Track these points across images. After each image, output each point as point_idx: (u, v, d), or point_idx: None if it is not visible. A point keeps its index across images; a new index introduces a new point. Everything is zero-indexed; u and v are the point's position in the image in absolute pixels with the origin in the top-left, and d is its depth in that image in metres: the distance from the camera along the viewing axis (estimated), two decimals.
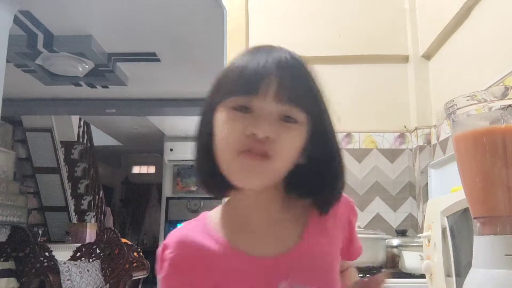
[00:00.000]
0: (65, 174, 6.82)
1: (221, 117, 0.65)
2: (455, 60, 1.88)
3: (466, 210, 0.92)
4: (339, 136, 0.72)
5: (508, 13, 1.43)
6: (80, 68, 4.38)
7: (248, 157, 0.62)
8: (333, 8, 2.28)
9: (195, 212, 7.68)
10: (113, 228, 4.28)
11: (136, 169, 10.18)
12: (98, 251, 4.06)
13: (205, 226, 0.68)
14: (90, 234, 5.93)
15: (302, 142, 0.66)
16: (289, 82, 0.64)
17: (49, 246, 3.99)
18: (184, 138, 7.18)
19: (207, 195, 0.72)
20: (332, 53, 2.21)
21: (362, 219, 2.06)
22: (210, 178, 0.68)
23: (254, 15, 2.31)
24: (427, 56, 2.16)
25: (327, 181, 0.68)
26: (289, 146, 0.64)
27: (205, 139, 0.67)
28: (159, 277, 0.66)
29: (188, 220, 0.72)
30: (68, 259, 3.93)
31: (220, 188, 0.69)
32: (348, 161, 2.14)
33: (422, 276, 1.24)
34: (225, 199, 0.71)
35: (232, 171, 0.64)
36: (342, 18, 2.26)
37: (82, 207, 7.21)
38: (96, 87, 5.16)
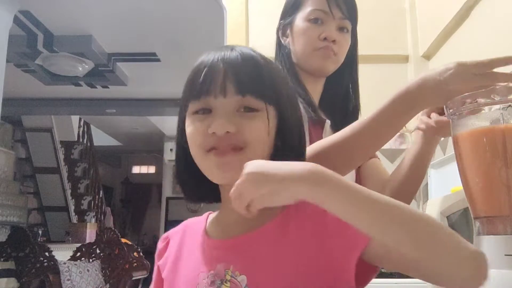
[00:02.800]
0: (65, 174, 6.82)
1: (187, 124, 0.70)
2: (455, 60, 1.88)
3: (466, 210, 0.92)
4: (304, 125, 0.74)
5: (508, 13, 1.43)
6: (80, 68, 4.38)
7: (219, 155, 0.66)
8: None
9: (195, 212, 7.67)
10: (113, 228, 4.28)
11: (136, 169, 10.18)
12: (98, 251, 4.06)
13: (204, 216, 0.78)
14: (90, 234, 5.92)
15: (266, 127, 0.68)
16: (237, 75, 0.67)
17: (49, 246, 3.99)
18: None
19: None
20: None
21: None
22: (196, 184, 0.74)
23: (254, 15, 2.31)
24: (427, 56, 2.16)
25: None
26: (253, 133, 0.67)
27: (182, 147, 0.73)
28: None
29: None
30: (68, 259, 3.93)
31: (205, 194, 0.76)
32: None
33: None
34: None
35: (208, 169, 0.69)
36: None
37: (82, 207, 7.21)
38: (96, 87, 5.16)
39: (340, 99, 1.13)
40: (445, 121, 0.82)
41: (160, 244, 0.79)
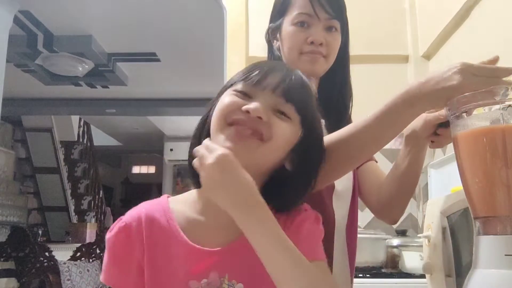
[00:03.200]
0: (65, 174, 6.83)
1: (224, 96, 0.73)
2: (455, 60, 1.87)
3: (466, 210, 0.92)
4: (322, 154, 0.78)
5: (508, 13, 1.43)
6: (80, 68, 4.39)
7: (239, 136, 0.68)
8: None
9: None
10: None
11: (136, 169, 10.17)
12: (98, 251, 4.06)
13: (163, 207, 0.74)
14: (90, 234, 5.92)
15: (292, 137, 0.72)
16: (290, 84, 0.72)
17: (49, 246, 3.99)
18: (184, 138, 7.17)
19: None
20: None
21: (362, 219, 2.04)
22: None
23: (254, 15, 2.31)
24: (427, 56, 2.16)
25: (296, 186, 0.73)
26: (279, 133, 0.70)
27: (204, 122, 0.75)
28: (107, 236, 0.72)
29: None
30: (68, 259, 3.92)
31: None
32: None
33: (422, 276, 1.23)
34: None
35: (222, 137, 0.68)
36: None
37: (82, 207, 7.20)
38: (96, 87, 5.16)
39: (334, 98, 1.12)
40: (449, 132, 0.83)
41: (120, 234, 0.71)
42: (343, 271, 1.02)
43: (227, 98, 0.72)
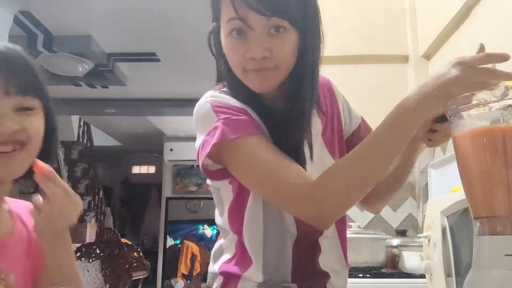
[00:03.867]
0: (65, 174, 6.82)
1: None
2: None
3: (466, 210, 0.92)
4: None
5: (508, 13, 1.43)
6: (80, 68, 4.38)
7: (2, 152, 0.73)
8: (332, 8, 2.28)
9: (195, 212, 7.68)
10: (113, 228, 4.28)
11: (136, 169, 10.17)
12: (98, 251, 4.05)
13: None
14: (90, 234, 5.91)
15: (42, 126, 0.78)
16: (17, 77, 0.73)
17: None
18: (184, 138, 7.18)
19: (207, 196, 0.74)
20: (331, 53, 2.20)
21: (362, 219, 2.06)
22: None
23: None
24: (427, 56, 2.16)
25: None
26: (36, 131, 0.76)
27: None
28: None
29: (187, 220, 0.78)
30: None
31: None
32: None
33: (422, 276, 1.24)
34: None
35: None
36: (342, 18, 2.26)
37: None
38: (96, 87, 5.16)
39: (298, 112, 0.87)
40: (446, 127, 0.83)
41: None
42: (337, 265, 1.00)
43: None
